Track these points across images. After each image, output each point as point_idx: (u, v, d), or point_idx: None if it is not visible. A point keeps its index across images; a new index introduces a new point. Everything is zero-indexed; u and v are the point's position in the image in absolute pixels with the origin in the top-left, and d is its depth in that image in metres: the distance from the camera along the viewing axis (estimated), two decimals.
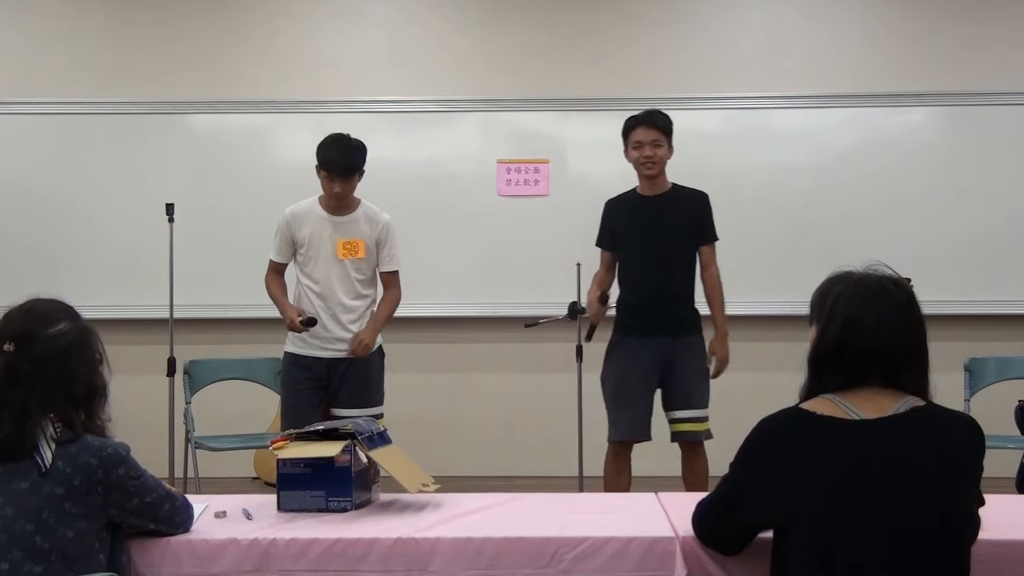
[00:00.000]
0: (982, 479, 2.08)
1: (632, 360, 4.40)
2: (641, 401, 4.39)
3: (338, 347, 4.43)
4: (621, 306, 4.52)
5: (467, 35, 6.45)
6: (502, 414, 6.39)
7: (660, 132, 4.36)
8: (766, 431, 2.10)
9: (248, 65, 6.40)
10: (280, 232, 4.48)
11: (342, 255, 4.40)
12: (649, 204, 4.44)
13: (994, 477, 2.54)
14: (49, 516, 2.10)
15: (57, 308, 2.27)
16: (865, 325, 2.06)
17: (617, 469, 4.43)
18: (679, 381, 4.39)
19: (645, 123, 4.37)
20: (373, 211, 4.50)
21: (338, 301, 4.41)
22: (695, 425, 4.38)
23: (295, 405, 4.43)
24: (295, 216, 4.46)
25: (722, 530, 2.20)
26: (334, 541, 2.33)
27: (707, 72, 6.35)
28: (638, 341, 4.40)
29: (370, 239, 4.45)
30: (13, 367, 2.17)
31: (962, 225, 6.20)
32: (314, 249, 4.42)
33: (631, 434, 4.40)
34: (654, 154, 4.35)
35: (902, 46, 6.35)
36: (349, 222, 4.44)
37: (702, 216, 4.47)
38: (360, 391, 4.45)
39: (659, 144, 4.36)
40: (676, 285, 4.42)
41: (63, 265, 6.19)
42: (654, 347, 4.38)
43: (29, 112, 6.31)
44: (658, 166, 4.38)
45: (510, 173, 6.33)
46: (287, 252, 4.50)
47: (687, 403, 4.38)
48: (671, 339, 4.38)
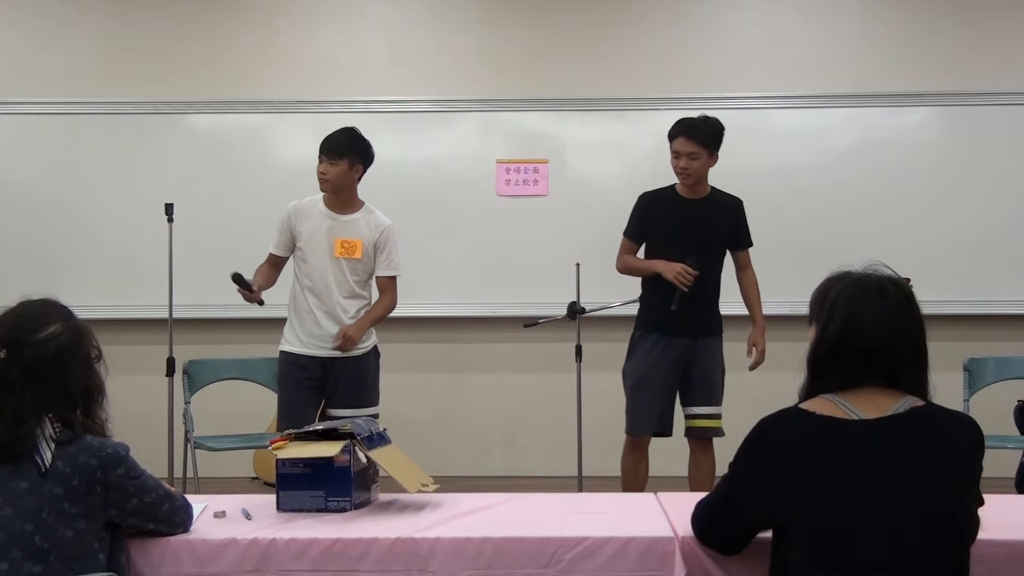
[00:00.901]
0: (982, 479, 2.08)
1: (657, 356, 4.45)
2: (663, 396, 4.45)
3: (334, 345, 4.42)
4: (648, 303, 4.55)
5: (467, 35, 6.45)
6: (501, 414, 6.39)
7: (698, 145, 4.39)
8: (766, 431, 2.10)
9: (248, 65, 6.40)
10: (281, 225, 4.48)
11: (339, 253, 4.39)
12: (688, 206, 4.48)
13: (994, 477, 2.55)
14: (48, 516, 2.10)
15: (47, 310, 2.26)
16: (864, 325, 2.06)
17: (634, 462, 4.50)
18: (699, 378, 4.47)
19: (685, 134, 4.42)
20: (375, 214, 4.49)
21: (334, 299, 4.39)
22: (711, 421, 4.47)
23: (292, 404, 4.42)
24: (297, 210, 4.46)
25: (721, 530, 2.20)
26: (333, 541, 2.33)
27: (706, 72, 6.35)
28: (663, 339, 4.45)
29: (369, 241, 4.43)
30: (4, 374, 2.16)
31: (961, 225, 6.20)
32: (312, 244, 4.40)
33: (649, 427, 4.47)
34: (689, 166, 4.41)
35: (901, 46, 6.35)
36: (350, 221, 4.43)
37: (738, 223, 4.59)
38: (355, 392, 4.43)
39: (696, 157, 4.40)
40: (708, 289, 4.49)
41: (62, 265, 6.18)
42: (677, 345, 4.45)
43: (29, 112, 6.30)
44: (693, 177, 4.44)
45: (509, 173, 6.33)
46: (286, 245, 4.49)
47: (706, 400, 4.47)
48: (693, 339, 4.46)
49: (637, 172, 6.04)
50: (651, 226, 4.55)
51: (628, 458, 4.51)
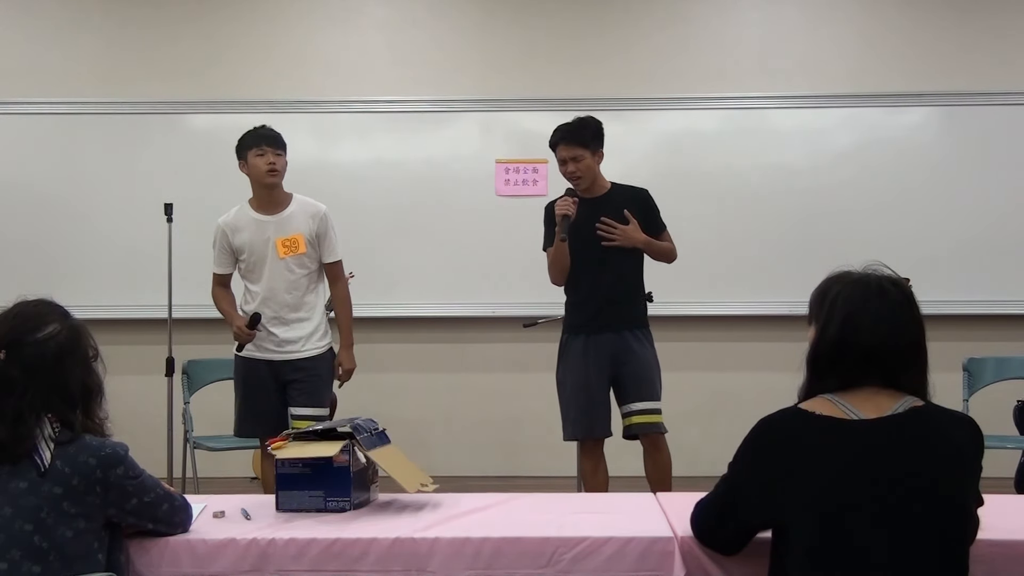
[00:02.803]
0: (981, 479, 2.08)
1: (583, 357, 4.36)
2: (594, 397, 4.34)
3: (286, 349, 4.36)
4: (568, 306, 4.49)
5: (466, 35, 6.45)
6: (501, 414, 6.39)
7: (579, 147, 4.32)
8: (765, 431, 2.10)
9: (247, 65, 6.40)
10: (218, 243, 4.42)
11: (283, 254, 4.33)
12: (588, 206, 4.36)
13: (993, 477, 2.55)
14: (48, 516, 2.10)
15: (45, 310, 2.26)
16: (864, 325, 2.06)
17: (592, 466, 4.39)
18: (630, 374, 4.34)
19: (564, 140, 4.35)
20: (307, 203, 4.43)
21: (283, 302, 4.34)
22: (648, 417, 4.31)
23: (253, 406, 4.38)
24: (228, 225, 4.40)
25: (721, 530, 2.20)
26: (332, 541, 2.33)
27: (705, 72, 6.35)
28: (588, 339, 4.37)
29: (309, 232, 4.36)
30: (4, 374, 2.16)
31: (960, 225, 6.21)
32: (254, 253, 4.35)
33: (586, 431, 4.37)
34: (576, 169, 4.34)
35: (900, 46, 6.35)
36: (284, 218, 4.37)
37: (647, 212, 4.43)
38: (308, 390, 4.37)
39: (580, 159, 4.33)
40: (622, 283, 4.39)
41: (62, 265, 6.19)
42: (603, 343, 4.35)
43: (28, 112, 6.31)
44: (585, 179, 4.36)
45: (508, 173, 6.33)
46: (228, 262, 4.43)
47: (638, 395, 4.33)
48: (617, 333, 4.35)
49: (637, 172, 6.03)
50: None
51: (584, 464, 4.42)
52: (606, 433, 4.40)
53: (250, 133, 4.44)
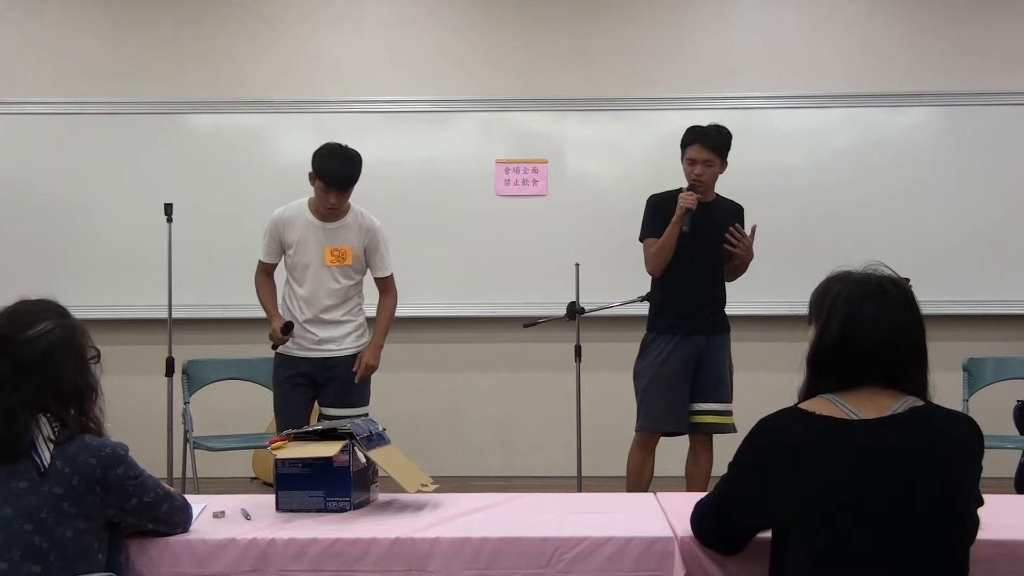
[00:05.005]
0: (981, 479, 2.08)
1: (670, 355, 4.47)
2: (675, 394, 4.46)
3: (324, 347, 4.42)
4: (658, 305, 4.56)
5: (466, 35, 6.45)
6: (501, 414, 6.39)
7: (713, 152, 4.43)
8: (765, 431, 2.10)
9: (247, 65, 6.40)
10: (269, 234, 4.47)
11: (330, 262, 4.39)
12: (697, 211, 4.44)
13: (993, 477, 2.55)
14: (48, 516, 2.10)
15: (41, 308, 2.26)
16: (864, 325, 2.06)
17: (641, 460, 4.51)
18: (708, 374, 4.49)
19: (700, 142, 4.44)
20: (363, 216, 4.47)
21: (323, 306, 4.41)
22: (718, 418, 4.49)
23: (285, 404, 4.44)
24: (283, 220, 4.44)
25: (721, 530, 2.20)
26: (332, 541, 2.33)
27: (705, 72, 6.35)
28: (675, 339, 4.48)
29: (359, 245, 4.43)
30: None
31: (960, 225, 6.20)
32: (301, 254, 4.40)
33: (661, 424, 4.49)
34: (704, 173, 4.44)
35: (900, 46, 6.35)
36: (338, 228, 4.42)
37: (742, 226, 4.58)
38: (345, 391, 4.44)
39: (711, 164, 4.43)
40: (717, 290, 4.55)
41: (62, 265, 6.19)
42: (690, 344, 4.47)
43: (28, 112, 6.30)
44: (706, 184, 4.47)
45: (508, 173, 6.33)
46: (276, 252, 4.49)
47: (714, 395, 4.49)
48: (706, 336, 4.49)
49: (637, 172, 6.06)
50: (662, 229, 4.52)
51: (636, 455, 4.53)
52: (684, 430, 4.51)
53: (326, 162, 4.30)
